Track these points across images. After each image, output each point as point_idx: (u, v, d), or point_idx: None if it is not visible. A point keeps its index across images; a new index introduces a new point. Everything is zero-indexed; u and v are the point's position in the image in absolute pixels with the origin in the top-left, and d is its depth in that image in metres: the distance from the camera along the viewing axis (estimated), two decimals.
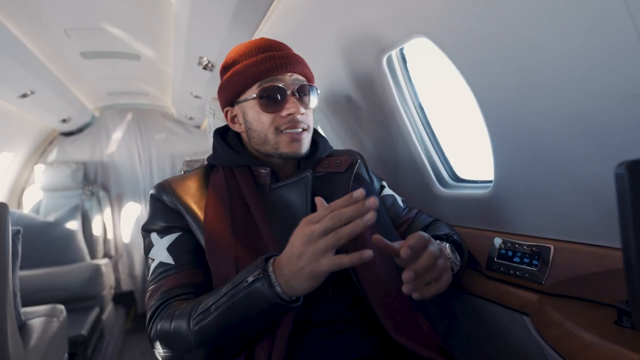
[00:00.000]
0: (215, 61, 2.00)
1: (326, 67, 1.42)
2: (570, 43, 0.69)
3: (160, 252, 0.88)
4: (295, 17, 1.34)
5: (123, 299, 3.70)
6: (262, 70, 0.90)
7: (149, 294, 0.86)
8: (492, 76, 0.87)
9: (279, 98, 0.90)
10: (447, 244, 0.91)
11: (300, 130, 0.91)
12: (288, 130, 0.90)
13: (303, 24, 1.33)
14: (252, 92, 0.91)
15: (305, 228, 0.65)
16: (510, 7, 0.74)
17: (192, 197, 0.92)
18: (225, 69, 0.97)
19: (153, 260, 0.88)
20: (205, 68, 2.09)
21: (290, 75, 0.92)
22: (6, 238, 1.33)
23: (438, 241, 0.90)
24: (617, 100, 0.68)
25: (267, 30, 1.51)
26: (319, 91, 0.98)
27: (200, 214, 0.89)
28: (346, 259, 0.63)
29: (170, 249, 0.88)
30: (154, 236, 0.90)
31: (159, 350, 0.78)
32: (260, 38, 0.97)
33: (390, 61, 1.21)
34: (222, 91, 0.97)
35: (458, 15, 0.85)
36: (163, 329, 0.76)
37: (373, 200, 0.63)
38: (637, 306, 0.53)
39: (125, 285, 3.73)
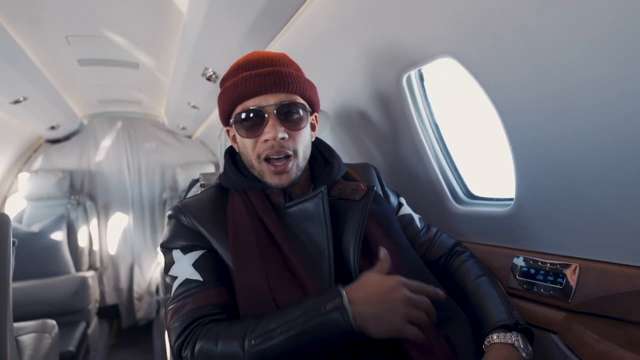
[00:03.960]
0: (221, 73, 1.99)
1: (340, 83, 1.44)
2: (605, 69, 0.72)
3: (185, 268, 0.86)
4: (313, 33, 1.35)
5: (107, 312, 3.58)
6: (240, 93, 0.87)
7: (171, 311, 0.83)
8: (521, 98, 0.89)
9: (257, 122, 0.86)
10: (519, 336, 0.81)
11: (282, 157, 0.87)
12: (270, 157, 0.87)
13: (320, 39, 1.35)
14: (233, 117, 0.90)
15: (401, 288, 0.72)
16: (548, 33, 0.76)
17: (211, 219, 0.90)
18: (220, 85, 0.95)
19: (175, 277, 0.86)
20: (209, 79, 2.07)
21: (271, 96, 0.86)
22: (8, 249, 1.28)
23: (510, 334, 0.81)
24: None
25: (281, 43, 1.52)
26: (309, 108, 0.92)
27: (222, 235, 0.88)
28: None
29: (197, 265, 0.86)
30: (176, 253, 0.89)
31: None
32: (252, 52, 0.93)
33: (409, 79, 1.23)
34: (218, 110, 0.96)
35: (489, 38, 0.87)
36: (206, 350, 0.73)
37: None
38: None
39: (110, 299, 3.61)
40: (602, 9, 0.65)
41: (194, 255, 0.87)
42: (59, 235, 3.10)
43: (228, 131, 0.98)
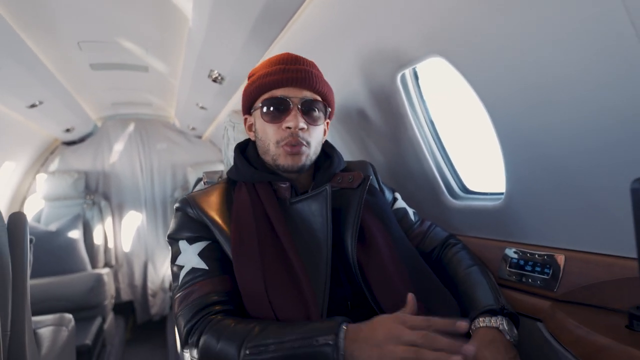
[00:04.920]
0: (226, 74, 2.04)
1: (339, 81, 1.48)
2: (579, 64, 0.75)
3: (191, 258, 0.91)
4: (312, 33, 1.39)
5: (123, 308, 3.69)
6: (270, 82, 0.95)
7: (179, 299, 0.88)
8: (505, 94, 0.92)
9: (282, 110, 0.94)
10: (505, 320, 0.85)
11: (298, 145, 0.94)
12: (286, 144, 0.94)
13: (320, 39, 1.39)
14: (260, 102, 0.97)
15: (396, 324, 0.68)
16: (526, 33, 0.79)
17: (217, 211, 0.96)
18: (249, 77, 1.03)
19: (182, 267, 0.91)
20: (215, 81, 2.13)
21: (298, 90, 0.95)
22: (25, 246, 1.36)
23: (495, 318, 0.86)
24: (623, 118, 0.74)
25: (282, 44, 1.56)
26: (329, 109, 1.01)
27: (225, 227, 0.93)
28: None
29: (202, 255, 0.91)
30: (182, 244, 0.94)
31: (194, 354, 0.81)
32: (286, 52, 1.01)
33: (403, 78, 1.27)
34: (242, 98, 1.04)
35: (475, 38, 0.91)
36: (208, 344, 0.78)
37: (470, 348, 0.64)
38: None
39: (125, 295, 3.72)
40: (568, 10, 0.68)
41: (200, 245, 0.92)
42: (75, 234, 3.21)
43: (246, 119, 1.05)
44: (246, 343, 0.75)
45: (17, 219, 1.37)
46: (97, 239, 3.45)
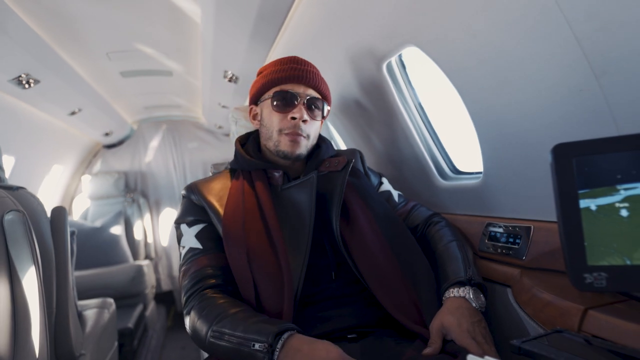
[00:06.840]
0: (239, 74, 2.19)
1: (336, 75, 1.57)
2: (528, 49, 0.81)
3: (190, 239, 1.05)
4: (306, 32, 1.50)
5: (163, 298, 3.96)
6: (282, 77, 1.08)
7: (181, 274, 1.03)
8: (473, 79, 0.99)
9: (290, 102, 1.06)
10: (470, 289, 0.92)
11: (299, 134, 1.06)
12: (289, 133, 1.06)
13: (313, 37, 1.49)
14: (270, 93, 1.09)
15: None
16: (482, 19, 0.86)
17: (215, 196, 1.09)
18: (259, 73, 1.17)
19: (184, 247, 1.06)
20: (230, 80, 2.28)
21: (304, 87, 1.08)
22: (66, 236, 1.56)
23: (463, 288, 0.93)
24: (570, 94, 0.79)
25: (283, 44, 1.68)
26: (328, 108, 1.14)
27: (220, 210, 1.06)
28: None
29: (198, 236, 1.05)
30: (183, 227, 1.08)
31: (186, 325, 0.95)
32: (294, 55, 1.15)
33: (390, 67, 1.34)
34: (251, 90, 1.17)
35: (441, 28, 0.98)
36: (191, 318, 0.92)
37: None
38: (569, 269, 0.65)
39: (165, 285, 4.00)
40: None
41: (197, 228, 1.06)
42: (117, 230, 3.51)
43: (251, 109, 1.19)
44: (214, 325, 0.86)
45: (58, 212, 1.57)
46: (138, 234, 3.73)
